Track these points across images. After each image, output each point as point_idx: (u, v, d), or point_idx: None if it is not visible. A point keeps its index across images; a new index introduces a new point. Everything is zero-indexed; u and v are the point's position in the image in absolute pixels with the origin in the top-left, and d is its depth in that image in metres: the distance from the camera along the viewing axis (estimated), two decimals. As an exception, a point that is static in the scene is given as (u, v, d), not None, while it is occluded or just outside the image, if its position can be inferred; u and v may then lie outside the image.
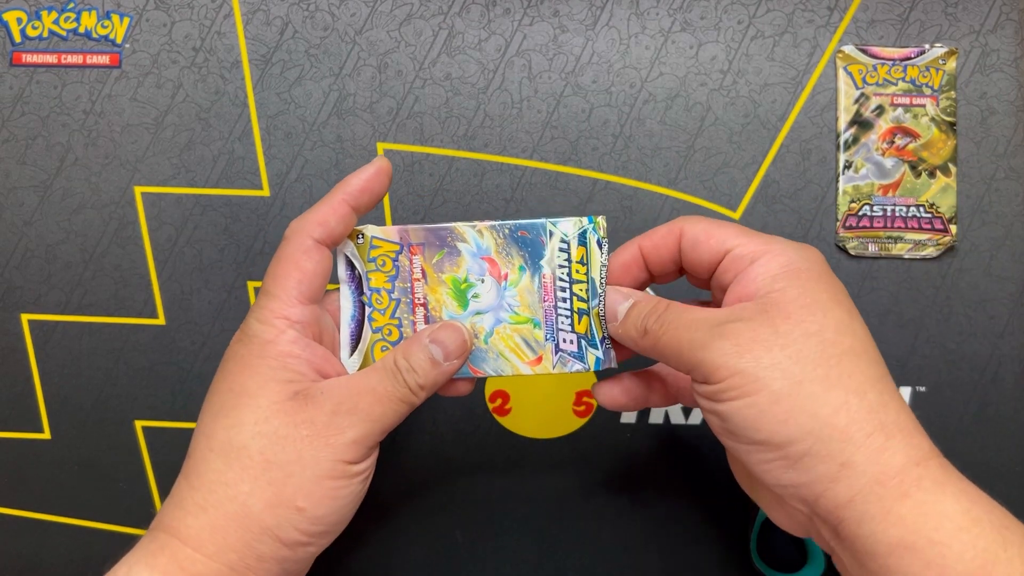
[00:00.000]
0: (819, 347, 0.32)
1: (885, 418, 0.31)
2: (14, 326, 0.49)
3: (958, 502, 0.30)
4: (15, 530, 0.49)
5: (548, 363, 0.38)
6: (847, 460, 0.31)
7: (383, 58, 0.50)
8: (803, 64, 0.49)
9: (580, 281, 0.38)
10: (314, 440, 0.34)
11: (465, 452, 0.49)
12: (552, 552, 0.48)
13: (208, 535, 0.33)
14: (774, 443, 0.31)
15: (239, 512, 0.33)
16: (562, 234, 0.38)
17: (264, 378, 0.35)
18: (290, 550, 0.34)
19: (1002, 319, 0.48)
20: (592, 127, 0.49)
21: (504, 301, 0.38)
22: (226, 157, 0.49)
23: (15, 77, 0.50)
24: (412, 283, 0.38)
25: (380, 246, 0.38)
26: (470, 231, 0.38)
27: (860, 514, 0.30)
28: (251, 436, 0.34)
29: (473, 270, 0.38)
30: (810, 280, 0.33)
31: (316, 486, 0.34)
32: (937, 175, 0.48)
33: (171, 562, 0.33)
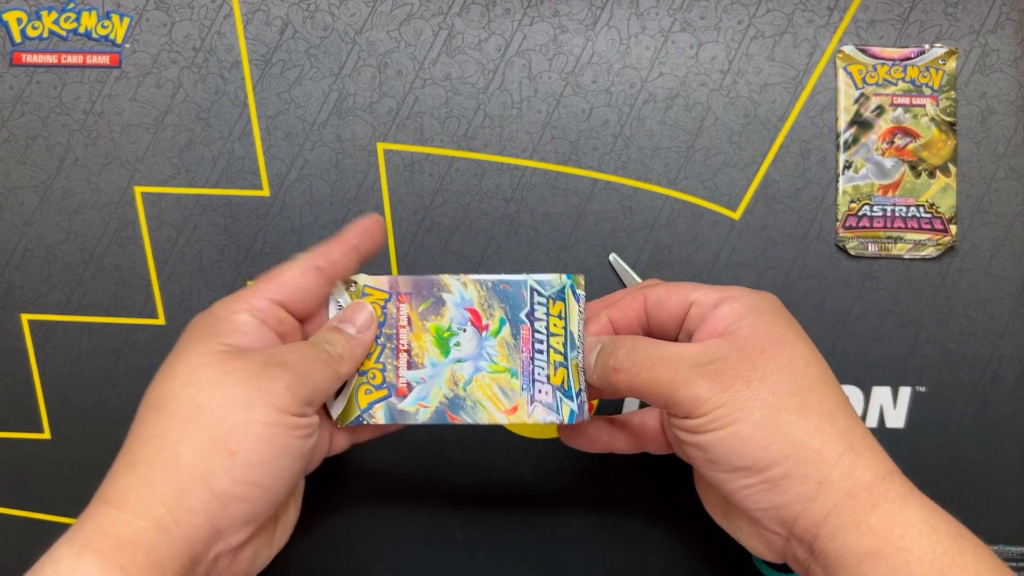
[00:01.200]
0: (792, 378, 0.34)
1: (853, 439, 0.34)
2: (14, 326, 0.49)
3: (919, 512, 0.33)
4: (15, 530, 0.49)
5: (523, 412, 0.39)
6: (823, 479, 0.33)
7: (383, 58, 0.50)
8: (803, 64, 0.49)
9: (557, 334, 0.39)
10: (246, 384, 0.33)
11: (465, 452, 0.49)
12: (552, 552, 0.48)
13: (134, 491, 0.32)
14: (757, 468, 0.33)
15: (168, 461, 0.32)
16: (541, 289, 0.39)
17: (201, 340, 0.35)
18: (221, 503, 0.32)
19: (1002, 319, 0.48)
20: (592, 127, 0.49)
21: (484, 350, 0.39)
22: (226, 157, 0.49)
23: (15, 77, 0.50)
24: (398, 330, 0.40)
25: (371, 294, 0.40)
26: (455, 283, 0.40)
27: (834, 528, 0.33)
28: (181, 385, 0.33)
29: (456, 319, 0.40)
30: (774, 318, 0.36)
31: (249, 429, 0.33)
32: (937, 175, 0.48)
33: (92, 530, 0.31)
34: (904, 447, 0.48)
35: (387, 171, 0.49)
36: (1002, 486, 0.47)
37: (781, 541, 0.35)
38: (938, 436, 0.48)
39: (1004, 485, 0.47)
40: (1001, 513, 0.47)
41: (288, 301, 0.37)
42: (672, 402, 0.35)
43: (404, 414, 0.39)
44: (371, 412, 0.39)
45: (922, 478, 0.48)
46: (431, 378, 0.40)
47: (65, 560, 0.30)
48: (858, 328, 0.48)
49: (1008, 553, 0.47)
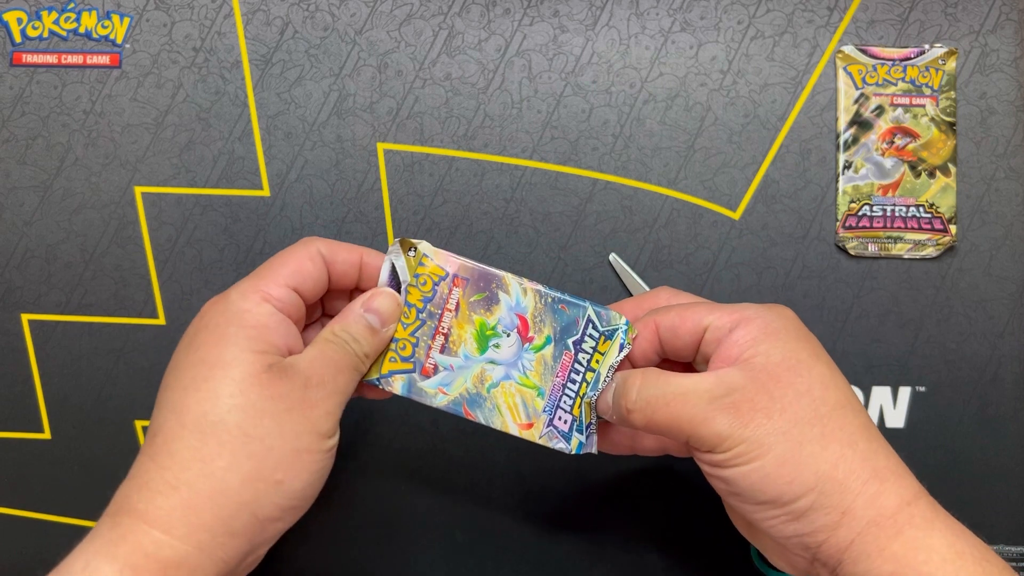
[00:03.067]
0: (811, 406, 0.34)
1: (877, 464, 0.34)
2: (14, 326, 0.49)
3: (944, 537, 0.33)
4: (15, 530, 0.49)
5: (536, 432, 0.39)
6: (847, 508, 0.33)
7: (383, 58, 0.50)
8: (803, 64, 0.49)
9: (594, 370, 0.39)
10: (292, 413, 0.34)
11: (465, 452, 0.49)
12: (552, 552, 0.48)
13: (180, 515, 0.32)
14: (782, 502, 0.33)
15: (215, 488, 0.32)
16: (598, 322, 0.39)
17: (239, 348, 0.34)
18: (263, 526, 0.33)
19: (1002, 319, 0.48)
20: (592, 127, 0.49)
21: (521, 361, 0.39)
22: (226, 157, 0.49)
23: (15, 77, 0.50)
24: (443, 311, 0.39)
25: (427, 265, 0.39)
26: (516, 286, 0.39)
27: (858, 554, 0.33)
28: (227, 410, 0.33)
29: (504, 322, 0.39)
30: (789, 340, 0.35)
31: (295, 459, 0.33)
32: (937, 175, 0.48)
33: (135, 550, 0.31)
34: (904, 447, 0.47)
35: (387, 171, 0.49)
36: (1002, 486, 0.47)
37: (805, 563, 0.35)
38: (938, 436, 0.48)
39: (1004, 485, 0.47)
40: (1001, 513, 0.47)
41: (301, 288, 0.37)
42: (693, 439, 0.35)
43: (423, 393, 0.39)
44: (390, 380, 0.39)
45: (922, 478, 0.48)
46: (460, 369, 0.39)
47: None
48: (858, 328, 0.48)
49: (1008, 553, 0.47)
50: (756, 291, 0.48)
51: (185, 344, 0.36)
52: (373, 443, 0.48)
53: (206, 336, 0.35)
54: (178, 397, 0.34)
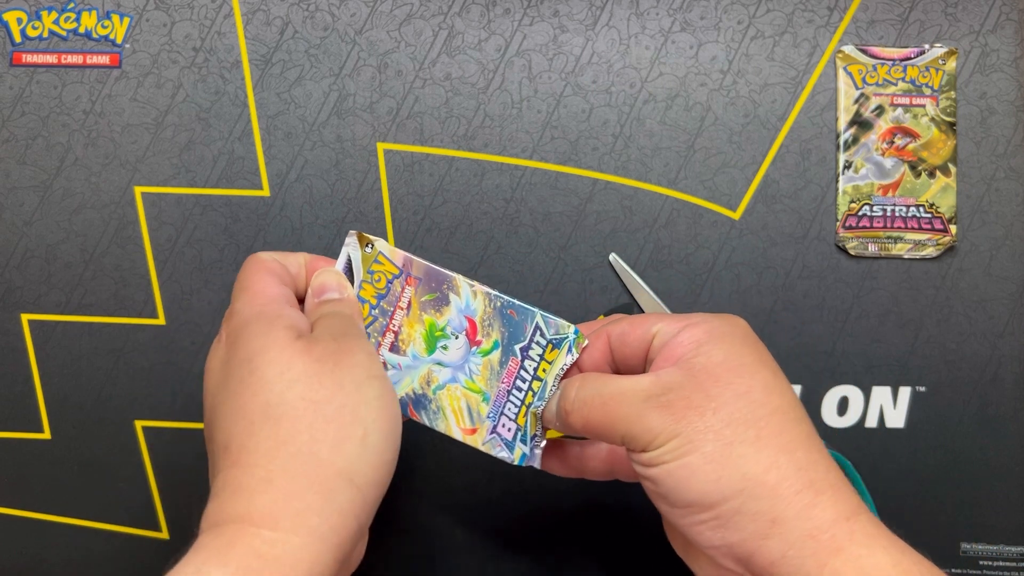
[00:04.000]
0: (748, 408, 0.32)
1: (814, 475, 0.32)
2: (14, 326, 0.49)
3: (888, 555, 0.31)
4: (15, 530, 0.49)
5: (479, 438, 0.39)
6: (777, 517, 0.31)
7: (383, 58, 0.50)
8: (803, 64, 0.49)
9: (540, 379, 0.38)
10: (341, 367, 0.33)
11: (465, 452, 0.49)
12: (552, 552, 0.48)
13: (282, 505, 0.30)
14: (706, 503, 0.32)
15: (308, 465, 0.31)
16: (545, 330, 0.38)
17: (266, 335, 0.33)
18: (363, 495, 0.32)
19: (1002, 319, 0.48)
20: (592, 127, 0.49)
21: (468, 364, 0.39)
22: (226, 157, 0.49)
23: (15, 77, 0.50)
24: (395, 309, 0.39)
25: (383, 263, 0.39)
26: (466, 288, 0.39)
27: (795, 570, 0.31)
28: (286, 387, 0.32)
29: (453, 323, 0.39)
30: (735, 343, 0.34)
31: (368, 408, 0.33)
32: (937, 175, 0.48)
33: (247, 552, 0.29)
34: (904, 447, 0.48)
35: (387, 171, 0.49)
36: (1002, 486, 0.47)
37: None
38: (938, 436, 0.48)
39: (1004, 485, 0.47)
40: (1001, 513, 0.47)
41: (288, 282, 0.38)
42: (627, 438, 0.33)
43: None
44: None
45: (922, 478, 0.48)
46: (407, 368, 0.39)
47: None
48: (858, 328, 0.48)
49: (1008, 553, 0.47)
50: (756, 291, 0.48)
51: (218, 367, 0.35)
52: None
53: (234, 346, 0.34)
54: (233, 403, 0.33)
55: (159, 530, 0.49)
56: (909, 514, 0.47)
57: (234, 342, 0.34)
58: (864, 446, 0.48)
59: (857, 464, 0.47)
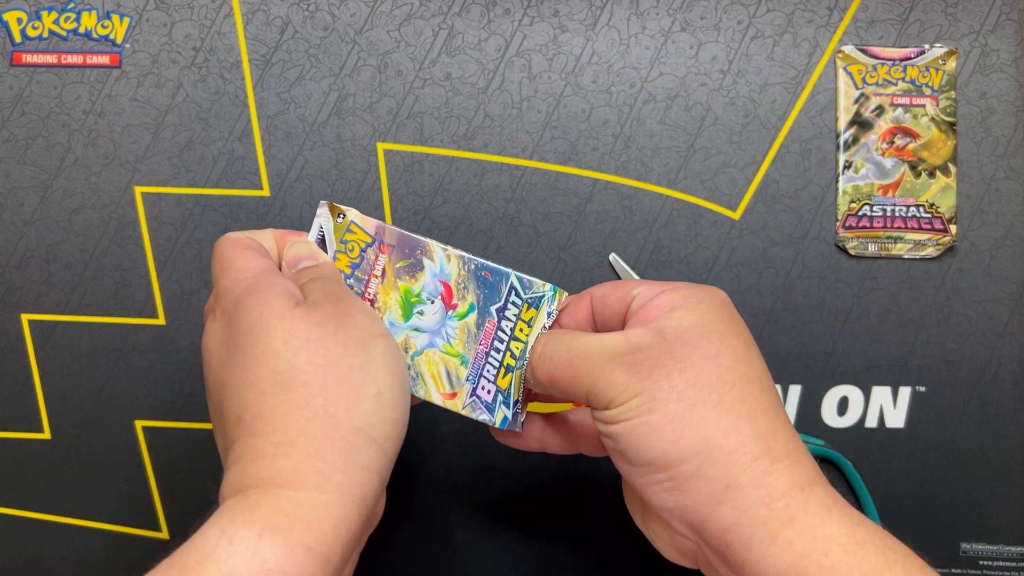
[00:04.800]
0: (715, 372, 0.32)
1: (773, 444, 0.32)
2: (14, 326, 0.49)
3: (843, 525, 0.31)
4: (15, 530, 0.49)
5: (460, 402, 0.39)
6: (732, 482, 0.31)
7: (383, 58, 0.50)
8: (803, 64, 0.49)
9: (519, 340, 0.38)
10: (344, 329, 0.33)
11: (465, 452, 0.49)
12: (552, 552, 0.48)
13: (306, 465, 0.30)
14: (663, 463, 0.32)
15: (327, 426, 0.31)
16: (521, 290, 0.38)
17: (263, 304, 0.33)
18: (382, 450, 0.32)
19: (1002, 319, 0.48)
20: (592, 127, 0.49)
21: (444, 329, 0.39)
22: (226, 157, 0.49)
23: (15, 77, 0.50)
24: (370, 277, 0.39)
25: (355, 232, 0.39)
26: (440, 252, 0.39)
27: (748, 538, 0.31)
28: (292, 353, 0.32)
29: (428, 288, 0.39)
30: (709, 310, 0.34)
31: (376, 366, 0.33)
32: (937, 175, 0.48)
33: (274, 512, 0.29)
34: (904, 447, 0.48)
35: (387, 171, 0.49)
36: (1002, 486, 0.47)
37: (691, 545, 0.33)
38: (938, 436, 0.48)
39: (1004, 485, 0.47)
40: (1001, 513, 0.47)
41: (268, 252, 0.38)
42: (591, 394, 0.33)
43: None
44: None
45: (922, 478, 0.48)
46: None
47: (244, 542, 0.28)
48: (858, 328, 0.48)
49: (1008, 553, 0.47)
50: (756, 291, 0.48)
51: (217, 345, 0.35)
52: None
53: (232, 320, 0.34)
54: (241, 376, 0.32)
55: (159, 530, 0.49)
56: (909, 514, 0.47)
57: (231, 317, 0.34)
58: (864, 446, 0.48)
59: (857, 464, 0.47)
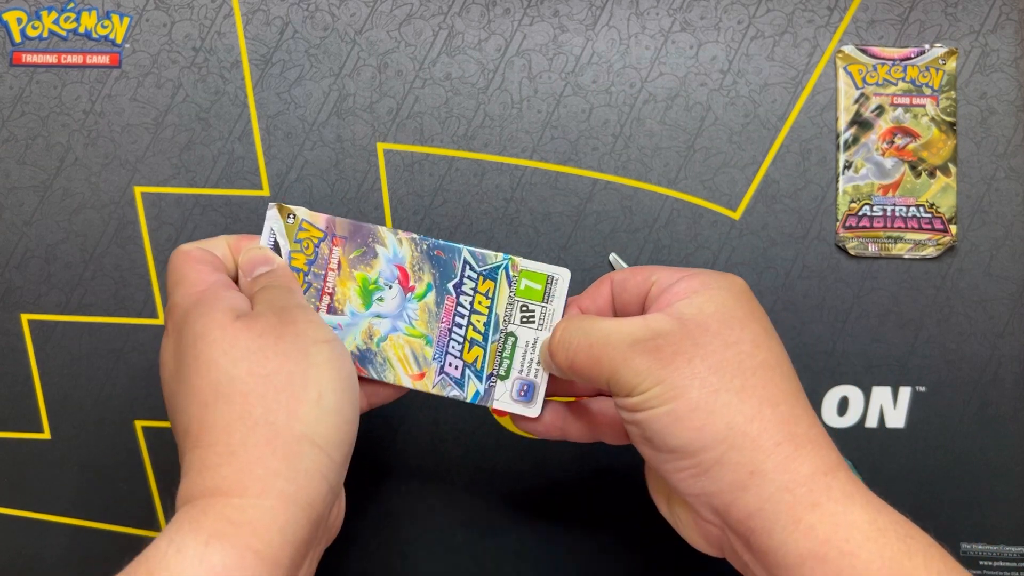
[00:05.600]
0: (736, 359, 0.33)
1: (796, 429, 0.32)
2: (14, 326, 0.49)
3: (865, 512, 0.31)
4: (15, 530, 0.49)
5: (429, 381, 0.39)
6: (756, 468, 0.31)
7: (383, 58, 0.50)
8: (803, 64, 0.49)
9: (480, 313, 0.39)
10: (284, 338, 0.33)
11: (465, 452, 0.49)
12: (552, 552, 0.48)
13: (248, 473, 0.31)
14: (689, 450, 0.32)
15: (268, 433, 0.32)
16: (474, 264, 0.39)
17: (207, 312, 0.34)
18: (327, 455, 0.32)
19: (1002, 319, 0.48)
20: (592, 127, 0.49)
21: (405, 312, 0.39)
22: (226, 157, 0.49)
23: (15, 77, 0.50)
24: (327, 271, 0.39)
25: (308, 229, 0.39)
26: (391, 237, 0.39)
27: (771, 524, 0.31)
28: (231, 364, 0.32)
29: (384, 274, 0.39)
30: (729, 298, 0.34)
31: (317, 371, 0.33)
32: (937, 175, 0.48)
33: (218, 519, 0.30)
34: (904, 447, 0.48)
35: (387, 171, 0.49)
36: (1002, 486, 0.47)
37: (717, 531, 0.34)
38: (938, 436, 0.48)
39: (1004, 485, 0.47)
40: (1001, 513, 0.47)
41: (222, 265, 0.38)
42: (612, 381, 0.34)
43: None
44: None
45: (922, 478, 0.48)
46: (348, 327, 0.39)
47: (192, 549, 0.29)
48: (858, 328, 0.48)
49: (1008, 553, 0.47)
50: (756, 291, 0.48)
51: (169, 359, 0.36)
52: (373, 443, 0.48)
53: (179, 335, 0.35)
54: (187, 389, 0.33)
55: (159, 530, 0.48)
56: (909, 514, 0.47)
57: (179, 331, 0.35)
58: (864, 446, 0.48)
59: (857, 464, 0.47)
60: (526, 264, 0.39)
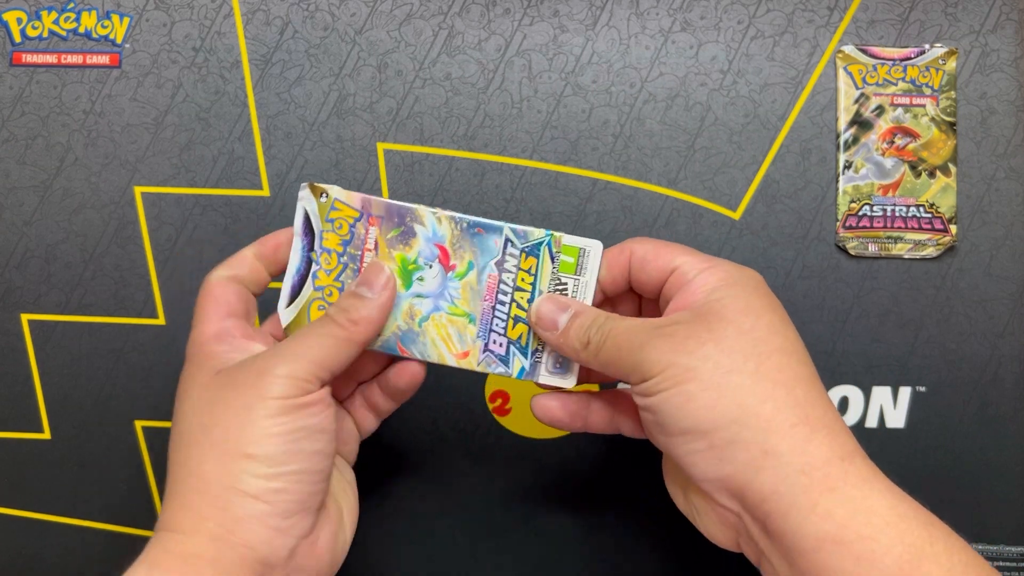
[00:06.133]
0: (751, 344, 0.33)
1: (811, 412, 0.32)
2: (14, 326, 0.49)
3: (884, 498, 0.31)
4: (15, 530, 0.49)
5: (473, 359, 0.39)
6: (770, 448, 0.31)
7: (383, 58, 0.50)
8: (803, 64, 0.49)
9: (523, 289, 0.39)
10: (240, 389, 0.35)
11: (465, 452, 0.49)
12: (552, 552, 0.48)
13: (183, 514, 0.34)
14: (701, 430, 0.32)
15: (199, 482, 0.34)
16: (516, 240, 0.39)
17: (193, 370, 0.37)
18: (264, 502, 0.34)
19: (1002, 319, 0.48)
20: (592, 127, 0.49)
21: (447, 291, 0.39)
22: (226, 157, 0.49)
23: (15, 77, 0.50)
24: (363, 252, 0.39)
25: (341, 209, 0.39)
26: (430, 216, 0.39)
27: (787, 506, 0.31)
28: (186, 415, 0.36)
29: (424, 254, 0.39)
30: (746, 290, 0.35)
31: (255, 428, 0.34)
32: (937, 175, 0.48)
33: (158, 549, 0.34)
34: (904, 447, 0.48)
35: (387, 171, 0.49)
36: (1002, 486, 0.47)
37: (734, 518, 0.33)
38: (938, 436, 0.48)
39: (1004, 485, 0.47)
40: (1001, 513, 0.47)
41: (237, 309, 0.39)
42: (630, 367, 0.34)
43: None
44: None
45: (922, 478, 0.48)
46: None
47: (141, 572, 0.33)
48: (858, 328, 0.48)
49: (1008, 553, 0.47)
50: (756, 291, 0.48)
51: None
52: (373, 443, 0.48)
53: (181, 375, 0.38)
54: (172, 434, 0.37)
55: (159, 530, 0.49)
56: (909, 514, 0.47)
57: (181, 373, 0.38)
58: (864, 446, 0.47)
59: (857, 464, 0.47)
60: (587, 244, 0.39)
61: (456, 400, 0.48)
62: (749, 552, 0.34)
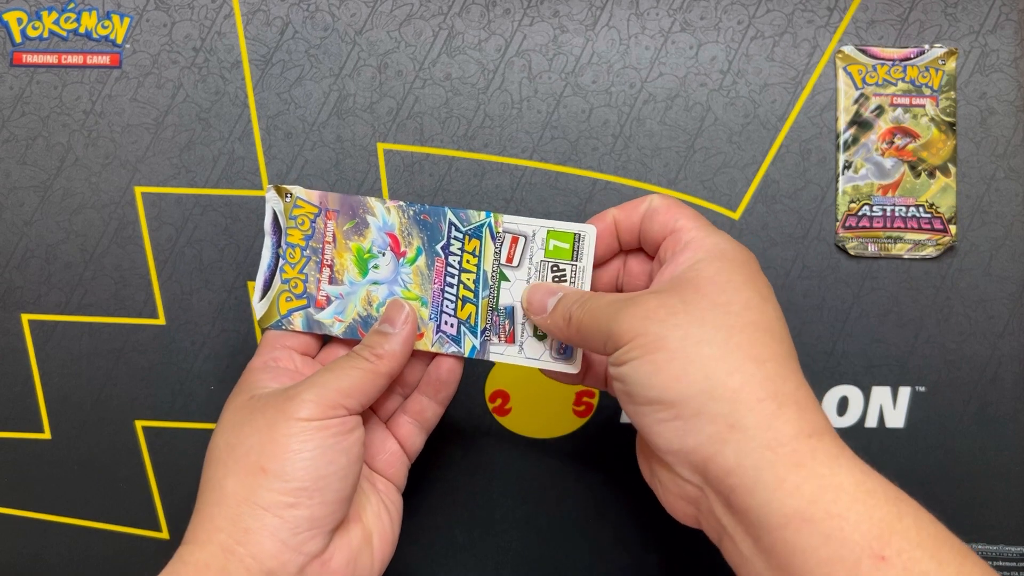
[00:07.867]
0: (724, 317, 0.32)
1: (781, 388, 0.31)
2: (14, 326, 0.49)
3: (852, 475, 0.30)
4: (15, 530, 0.49)
5: (428, 340, 0.41)
6: (736, 422, 0.31)
7: (383, 58, 0.50)
8: (803, 64, 0.49)
9: (468, 271, 0.41)
10: (266, 411, 0.37)
11: (465, 452, 0.49)
12: (552, 552, 0.48)
13: (199, 525, 0.36)
14: (667, 400, 0.32)
15: (219, 495, 0.36)
16: (459, 224, 0.41)
17: (235, 395, 0.39)
18: (275, 515, 0.35)
19: (1002, 319, 0.48)
20: (592, 127, 0.49)
21: (399, 276, 0.41)
22: (226, 157, 0.49)
23: (15, 77, 0.50)
24: (323, 245, 0.41)
25: (303, 206, 0.42)
26: (380, 207, 0.41)
27: (752, 482, 0.30)
28: (220, 435, 0.38)
29: (377, 243, 0.41)
30: (732, 264, 0.35)
31: (275, 445, 0.36)
32: (937, 175, 0.48)
33: (178, 561, 0.35)
34: (904, 447, 0.48)
35: (387, 171, 0.49)
36: (1002, 486, 0.47)
37: (695, 491, 0.33)
38: (938, 436, 0.48)
39: (1004, 485, 0.47)
40: (1001, 513, 0.47)
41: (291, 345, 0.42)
42: (604, 337, 0.34)
43: (321, 325, 0.41)
44: (290, 319, 0.41)
45: (922, 478, 0.48)
46: (348, 295, 0.41)
47: None
48: (858, 328, 0.48)
49: (1008, 553, 0.47)
50: (756, 291, 0.48)
51: None
52: (373, 443, 0.48)
53: None
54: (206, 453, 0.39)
55: (159, 530, 0.49)
56: (909, 514, 0.47)
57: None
58: (864, 446, 0.48)
59: (857, 464, 0.47)
60: (553, 225, 0.40)
61: (456, 400, 0.48)
62: (709, 529, 0.34)
